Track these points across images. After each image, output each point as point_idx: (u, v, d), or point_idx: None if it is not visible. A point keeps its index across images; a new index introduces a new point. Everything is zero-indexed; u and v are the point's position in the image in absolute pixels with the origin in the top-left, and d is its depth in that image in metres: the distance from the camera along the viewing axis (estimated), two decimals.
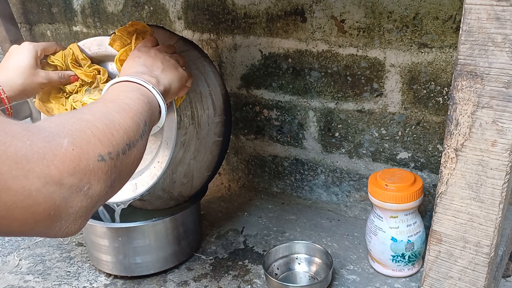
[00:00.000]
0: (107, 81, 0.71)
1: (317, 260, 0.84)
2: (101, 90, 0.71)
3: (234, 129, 1.09)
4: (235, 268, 0.86)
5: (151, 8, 1.09)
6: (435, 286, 0.51)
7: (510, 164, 0.41)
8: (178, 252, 0.87)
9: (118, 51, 0.69)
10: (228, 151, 1.13)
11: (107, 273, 0.87)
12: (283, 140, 1.03)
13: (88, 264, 0.90)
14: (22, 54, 0.70)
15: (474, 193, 0.44)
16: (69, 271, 0.88)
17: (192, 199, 0.88)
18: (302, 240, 0.91)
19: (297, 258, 0.85)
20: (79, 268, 0.89)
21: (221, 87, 0.84)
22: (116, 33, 0.69)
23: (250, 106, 1.04)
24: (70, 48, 0.73)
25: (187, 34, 1.06)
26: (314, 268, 0.84)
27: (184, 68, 0.67)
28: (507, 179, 0.42)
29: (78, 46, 0.73)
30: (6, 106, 0.68)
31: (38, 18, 1.36)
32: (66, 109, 0.74)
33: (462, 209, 0.45)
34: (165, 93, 0.59)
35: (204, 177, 0.86)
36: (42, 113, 0.78)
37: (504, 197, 0.43)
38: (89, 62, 0.73)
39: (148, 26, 0.72)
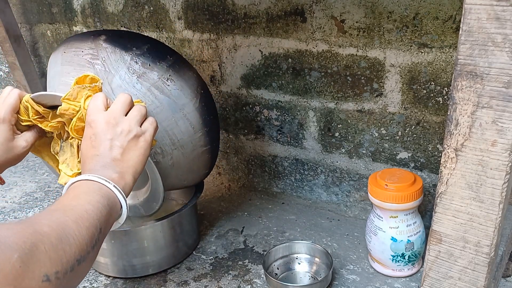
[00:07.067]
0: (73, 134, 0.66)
1: (317, 260, 0.84)
2: (72, 145, 0.68)
3: (234, 129, 1.09)
4: (235, 268, 0.86)
5: (151, 8, 1.09)
6: (435, 286, 0.51)
7: (510, 164, 0.41)
8: (176, 253, 0.87)
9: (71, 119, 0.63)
10: (228, 151, 1.13)
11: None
12: (283, 140, 1.03)
13: None
14: None
15: (474, 193, 0.44)
16: None
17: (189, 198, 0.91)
18: (302, 240, 0.91)
19: (297, 258, 0.85)
20: None
21: (194, 101, 0.77)
22: (62, 104, 0.62)
23: (250, 106, 1.04)
24: (27, 101, 0.66)
25: (187, 34, 1.06)
26: (314, 268, 0.84)
27: (145, 119, 0.62)
28: (507, 179, 0.42)
29: (33, 99, 0.66)
30: None
31: (38, 18, 1.36)
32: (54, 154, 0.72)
33: (462, 209, 0.45)
34: (126, 187, 0.57)
35: (201, 176, 0.88)
36: None
37: (504, 197, 0.43)
38: (51, 113, 0.67)
39: (92, 78, 0.64)
